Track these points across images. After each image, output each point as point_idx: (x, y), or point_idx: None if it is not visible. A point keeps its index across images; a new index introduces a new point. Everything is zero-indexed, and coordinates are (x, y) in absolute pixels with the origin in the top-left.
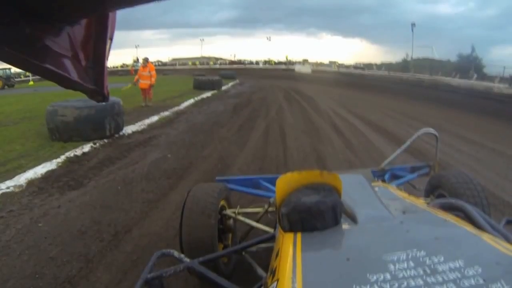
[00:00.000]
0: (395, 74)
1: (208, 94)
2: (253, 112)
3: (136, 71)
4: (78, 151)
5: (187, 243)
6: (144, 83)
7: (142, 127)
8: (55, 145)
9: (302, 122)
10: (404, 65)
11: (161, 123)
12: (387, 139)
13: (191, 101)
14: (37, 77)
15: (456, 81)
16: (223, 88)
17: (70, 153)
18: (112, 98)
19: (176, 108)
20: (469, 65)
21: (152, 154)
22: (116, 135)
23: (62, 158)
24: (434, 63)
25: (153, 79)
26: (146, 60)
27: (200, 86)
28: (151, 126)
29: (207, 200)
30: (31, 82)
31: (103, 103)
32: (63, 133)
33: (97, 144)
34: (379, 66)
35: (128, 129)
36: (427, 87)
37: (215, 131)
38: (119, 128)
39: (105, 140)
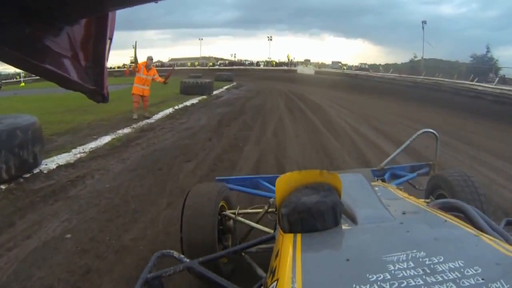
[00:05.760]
0: (406, 77)
1: (194, 100)
2: (242, 131)
3: (131, 72)
4: None
5: (187, 244)
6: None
7: (79, 156)
8: None
9: (309, 146)
10: (412, 66)
11: (111, 147)
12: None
13: (169, 111)
14: (29, 78)
15: (479, 85)
16: (216, 92)
17: None
18: (21, 118)
19: (144, 122)
20: (484, 66)
21: (50, 225)
22: (27, 175)
23: None
24: (443, 64)
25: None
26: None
27: (187, 91)
28: (93, 154)
29: (206, 201)
30: (22, 84)
31: None
32: None
33: None
34: (387, 67)
35: (55, 161)
36: (445, 91)
37: (177, 167)
38: (27, 165)
39: (1, 187)
